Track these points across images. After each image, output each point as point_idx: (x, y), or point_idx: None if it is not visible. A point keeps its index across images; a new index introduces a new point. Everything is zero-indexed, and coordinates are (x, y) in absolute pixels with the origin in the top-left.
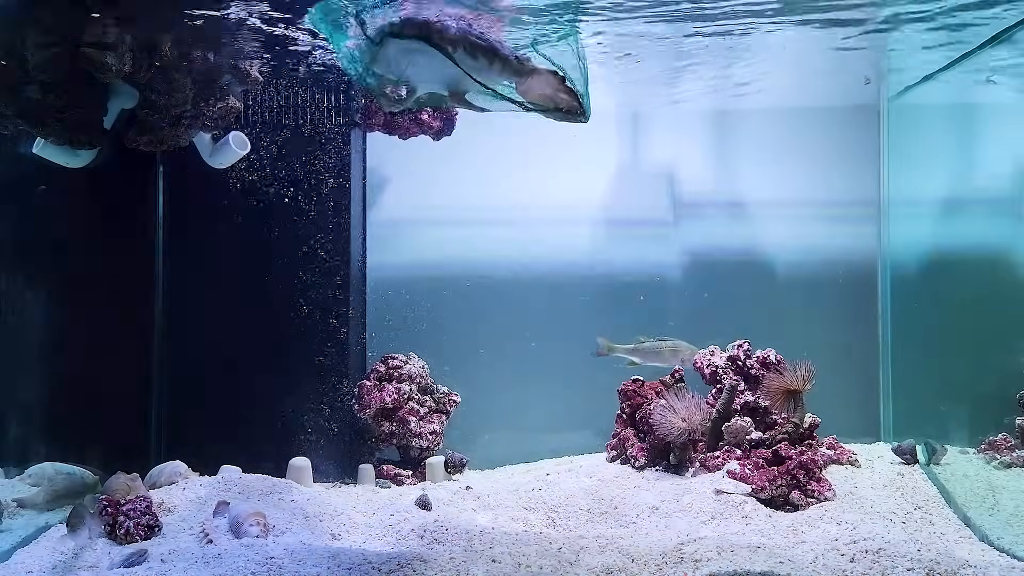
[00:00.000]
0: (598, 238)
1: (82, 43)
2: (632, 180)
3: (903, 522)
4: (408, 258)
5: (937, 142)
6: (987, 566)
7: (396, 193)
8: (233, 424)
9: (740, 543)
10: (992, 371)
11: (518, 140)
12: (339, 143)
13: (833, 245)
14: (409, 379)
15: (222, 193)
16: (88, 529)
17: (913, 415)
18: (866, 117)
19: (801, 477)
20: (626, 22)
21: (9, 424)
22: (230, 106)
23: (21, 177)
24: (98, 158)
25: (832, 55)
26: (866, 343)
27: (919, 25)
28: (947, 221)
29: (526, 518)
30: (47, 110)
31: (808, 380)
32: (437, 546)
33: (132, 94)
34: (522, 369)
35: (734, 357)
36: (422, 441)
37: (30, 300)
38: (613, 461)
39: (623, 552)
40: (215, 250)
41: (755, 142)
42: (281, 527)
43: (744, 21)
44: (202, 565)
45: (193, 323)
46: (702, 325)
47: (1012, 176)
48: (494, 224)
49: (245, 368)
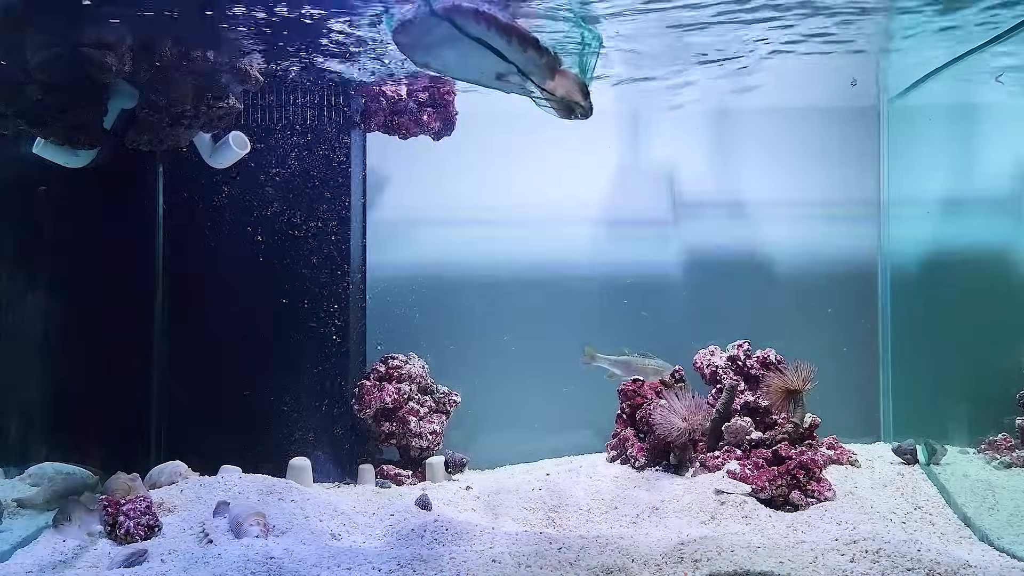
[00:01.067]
0: (598, 238)
1: (82, 43)
2: (632, 180)
3: (903, 522)
4: (408, 258)
5: (937, 142)
6: (987, 566)
7: (396, 193)
8: (233, 424)
9: (740, 543)
10: (992, 371)
11: (518, 140)
12: (339, 143)
13: (833, 245)
14: (409, 379)
15: (222, 193)
16: (77, 525)
17: (913, 415)
18: (866, 117)
19: (801, 477)
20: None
21: (9, 424)
22: (230, 106)
23: (21, 177)
24: (98, 158)
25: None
26: (866, 343)
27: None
28: (947, 221)
29: (526, 518)
30: (47, 110)
31: (808, 380)
32: (437, 546)
33: (132, 94)
34: (522, 369)
35: (734, 357)
36: (422, 441)
37: (30, 300)
38: (613, 461)
39: (623, 552)
40: (215, 250)
41: (755, 142)
42: (281, 527)
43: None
44: (202, 565)
45: (193, 323)
46: (702, 325)
47: (1012, 176)
48: (494, 224)
49: (245, 368)
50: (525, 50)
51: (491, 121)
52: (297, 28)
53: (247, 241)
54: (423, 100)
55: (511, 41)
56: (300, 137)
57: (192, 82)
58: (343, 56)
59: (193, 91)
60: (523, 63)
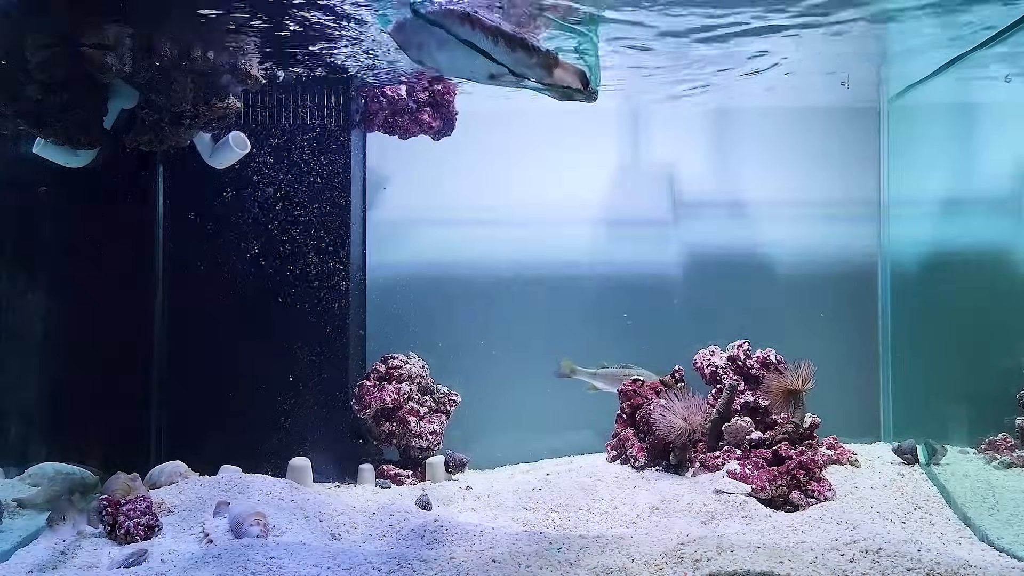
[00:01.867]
0: (598, 238)
1: (82, 43)
2: (632, 180)
3: (903, 522)
4: (408, 258)
5: (937, 142)
6: (987, 566)
7: (396, 193)
8: (233, 424)
9: (740, 543)
10: (992, 371)
11: (518, 140)
12: (339, 143)
13: (833, 245)
14: (409, 379)
15: (222, 193)
16: (70, 524)
17: (913, 415)
18: (866, 117)
19: (801, 477)
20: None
21: (9, 424)
22: (230, 106)
23: (21, 177)
24: (98, 158)
25: (833, 54)
26: (866, 343)
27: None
28: (947, 221)
29: (526, 518)
30: (47, 110)
31: (808, 380)
32: (437, 546)
33: (132, 94)
34: (522, 369)
35: (734, 357)
36: (422, 441)
37: (30, 300)
38: (613, 461)
39: (623, 552)
40: (215, 250)
41: (755, 142)
42: (281, 527)
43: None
44: (202, 565)
45: (193, 323)
46: (702, 325)
47: (1012, 176)
48: (494, 224)
49: (245, 368)
50: (513, 51)
51: (491, 121)
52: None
53: (247, 241)
54: (423, 100)
55: (498, 43)
56: (300, 137)
57: (192, 82)
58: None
59: (193, 91)
60: (512, 64)
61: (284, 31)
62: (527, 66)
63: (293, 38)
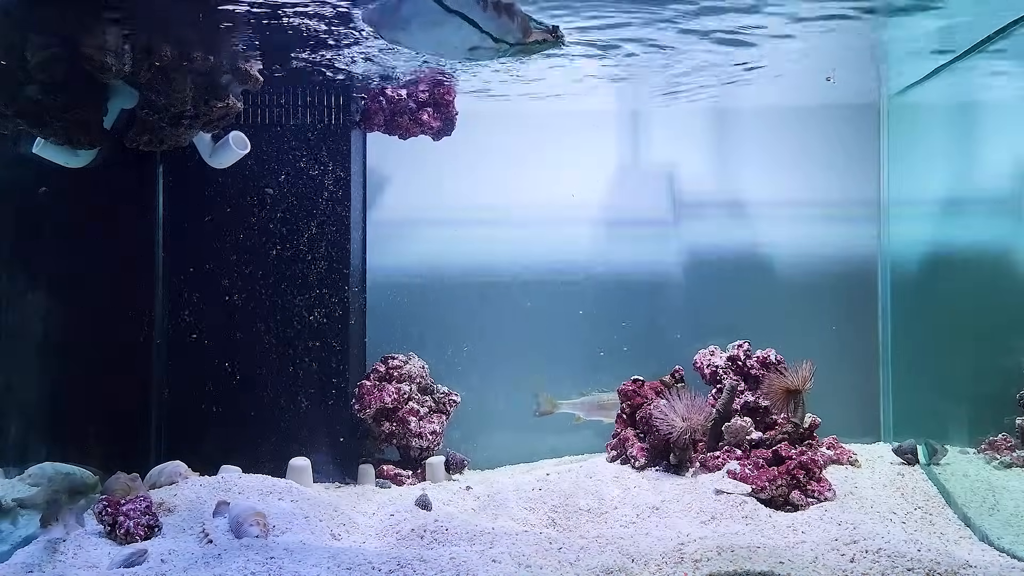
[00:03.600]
0: (598, 238)
1: (82, 43)
2: (632, 180)
3: (903, 522)
4: (408, 258)
5: (937, 141)
6: (987, 566)
7: (396, 193)
8: (233, 424)
9: (740, 543)
10: (992, 371)
11: (518, 140)
12: (339, 143)
13: (833, 245)
14: (409, 379)
15: (222, 193)
16: (64, 524)
17: (913, 415)
18: (866, 117)
19: (801, 477)
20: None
21: (9, 424)
22: (230, 106)
23: (21, 177)
24: (98, 158)
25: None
26: (866, 343)
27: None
28: (947, 221)
29: (526, 518)
30: (47, 110)
31: (808, 380)
32: (437, 546)
33: (132, 94)
34: (522, 369)
35: (734, 357)
36: (422, 441)
37: (30, 300)
38: (613, 461)
39: (623, 552)
40: (215, 250)
41: (755, 142)
42: (281, 527)
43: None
44: (202, 565)
45: (193, 323)
46: (702, 325)
47: (1012, 176)
48: (494, 224)
49: (245, 368)
50: (499, 16)
51: (491, 121)
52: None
53: (247, 241)
54: (423, 100)
55: (486, 8)
56: (300, 137)
57: (192, 82)
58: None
59: (193, 91)
60: (497, 30)
61: (283, 32)
62: (509, 31)
63: (293, 38)
